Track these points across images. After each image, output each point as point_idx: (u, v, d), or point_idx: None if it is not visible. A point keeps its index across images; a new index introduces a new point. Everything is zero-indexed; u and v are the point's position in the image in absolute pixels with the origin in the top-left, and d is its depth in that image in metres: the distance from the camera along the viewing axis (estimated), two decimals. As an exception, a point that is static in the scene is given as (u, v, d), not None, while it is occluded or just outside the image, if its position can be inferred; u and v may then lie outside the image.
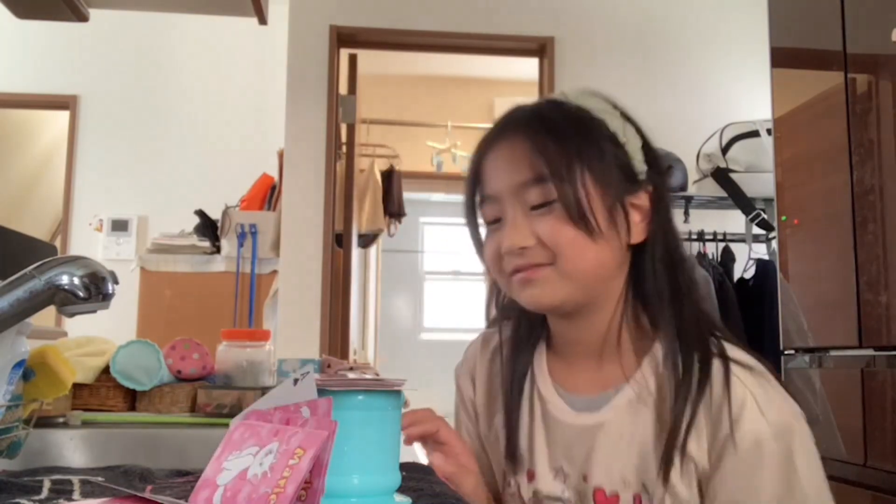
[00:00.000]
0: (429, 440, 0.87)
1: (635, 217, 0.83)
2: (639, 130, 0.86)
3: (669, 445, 0.78)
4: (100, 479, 0.76)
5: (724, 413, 0.77)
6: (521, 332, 0.93)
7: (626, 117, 0.86)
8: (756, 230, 3.07)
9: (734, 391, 0.78)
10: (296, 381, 0.56)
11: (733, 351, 0.82)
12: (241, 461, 0.53)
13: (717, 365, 0.80)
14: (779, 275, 2.14)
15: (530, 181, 0.81)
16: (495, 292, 0.94)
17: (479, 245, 0.88)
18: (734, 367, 0.79)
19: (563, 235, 0.80)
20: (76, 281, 0.69)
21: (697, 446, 0.78)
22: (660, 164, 0.86)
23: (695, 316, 0.83)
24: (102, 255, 4.05)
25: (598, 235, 0.80)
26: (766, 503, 0.75)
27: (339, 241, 3.50)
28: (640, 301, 0.85)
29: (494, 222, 0.85)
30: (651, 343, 0.84)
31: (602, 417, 0.84)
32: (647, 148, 0.85)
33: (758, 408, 0.77)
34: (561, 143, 0.80)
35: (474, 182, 0.87)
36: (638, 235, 0.84)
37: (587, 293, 0.83)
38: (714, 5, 3.68)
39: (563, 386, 0.88)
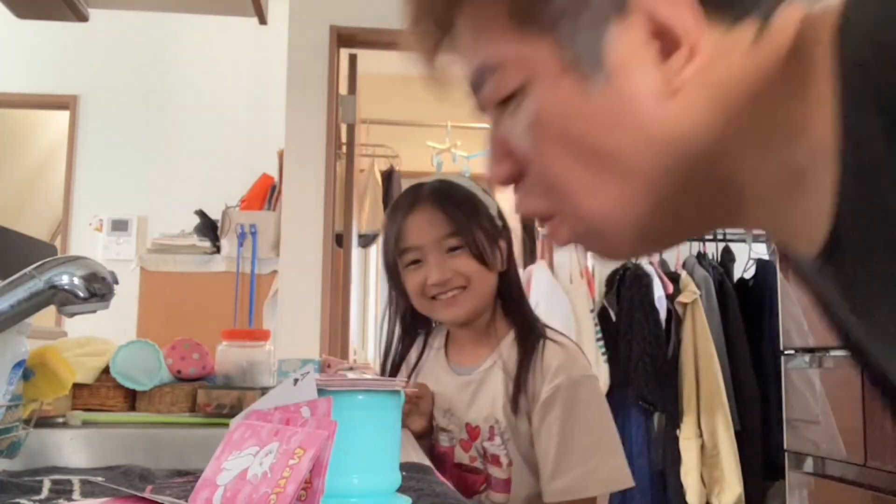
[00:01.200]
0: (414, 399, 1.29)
1: (501, 254, 1.29)
2: (491, 198, 1.33)
3: (514, 392, 1.21)
4: (100, 479, 0.76)
5: (539, 373, 1.21)
6: (427, 337, 1.42)
7: (484, 190, 1.32)
8: (756, 230, 3.07)
9: (546, 358, 1.22)
10: (296, 381, 0.56)
11: (552, 334, 1.27)
12: (241, 461, 0.53)
13: (540, 343, 1.24)
14: (779, 275, 2.14)
15: (447, 235, 1.25)
16: (397, 315, 1.39)
17: (398, 280, 1.32)
18: (548, 344, 1.24)
19: (472, 269, 1.25)
20: (76, 281, 0.69)
21: (527, 393, 1.21)
22: (504, 219, 1.33)
23: (530, 314, 1.31)
24: (102, 255, 4.04)
25: (491, 267, 1.26)
26: (559, 429, 1.17)
27: (339, 241, 3.50)
28: (501, 307, 1.31)
29: (414, 263, 1.28)
30: (506, 331, 1.29)
31: (471, 378, 1.28)
32: (498, 210, 1.32)
33: (558, 368, 1.20)
34: (463, 211, 1.26)
35: (397, 238, 1.29)
36: (502, 266, 1.29)
37: (483, 306, 1.28)
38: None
39: (453, 361, 1.34)
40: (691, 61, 0.45)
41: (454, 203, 1.27)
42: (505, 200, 1.39)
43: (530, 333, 1.27)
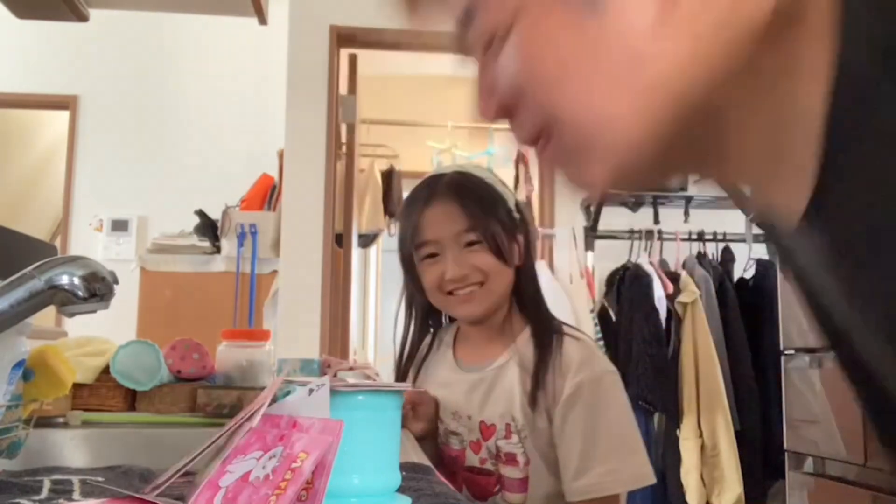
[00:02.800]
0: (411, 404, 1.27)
1: (519, 249, 1.27)
2: (509, 191, 1.30)
3: (533, 389, 1.18)
4: (100, 479, 0.76)
5: (560, 369, 1.19)
6: (439, 331, 1.40)
7: (502, 182, 1.30)
8: (756, 230, 3.07)
9: (565, 354, 1.20)
10: (311, 391, 0.56)
11: (569, 330, 1.25)
12: (244, 465, 0.53)
13: (556, 339, 1.22)
14: (779, 275, 2.14)
15: (465, 229, 1.22)
16: (412, 309, 1.37)
17: (413, 274, 1.29)
18: (567, 339, 1.22)
19: (490, 264, 1.22)
20: (76, 281, 0.69)
21: (546, 389, 1.18)
22: (523, 212, 1.30)
23: (546, 311, 1.28)
24: (102, 255, 4.04)
25: (509, 262, 1.23)
26: (583, 427, 1.16)
27: (339, 241, 3.50)
28: (517, 303, 1.28)
29: (430, 257, 1.25)
30: (521, 328, 1.26)
31: (483, 376, 1.25)
32: (517, 203, 1.29)
33: (580, 364, 1.18)
34: (481, 204, 1.23)
35: (414, 231, 1.26)
36: (520, 261, 1.27)
37: (499, 302, 1.26)
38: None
39: (461, 359, 1.32)
40: None
41: (472, 196, 1.24)
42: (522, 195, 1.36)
43: (547, 330, 1.24)
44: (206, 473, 0.55)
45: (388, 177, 4.67)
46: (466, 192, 1.24)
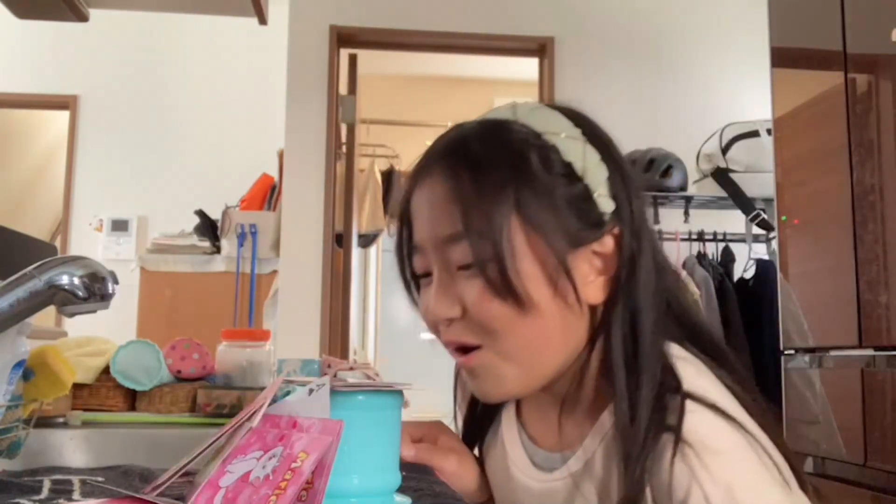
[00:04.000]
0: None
1: (590, 273, 0.64)
2: (608, 153, 0.66)
3: None
4: (100, 479, 0.76)
5: (665, 501, 0.59)
6: None
7: (592, 137, 0.66)
8: (756, 230, 3.07)
9: (676, 475, 0.58)
10: (311, 391, 0.56)
11: (695, 420, 0.60)
12: (244, 465, 0.53)
13: (665, 440, 0.60)
14: (779, 275, 2.14)
15: (450, 236, 0.62)
16: None
17: (413, 301, 0.71)
18: (683, 445, 0.59)
19: (490, 309, 0.62)
20: (76, 281, 0.69)
21: None
22: (630, 192, 0.66)
23: (655, 382, 0.62)
24: (102, 255, 4.04)
25: (532, 308, 0.62)
26: None
27: (339, 241, 3.50)
28: (601, 365, 0.66)
29: (426, 275, 0.67)
30: (604, 406, 0.66)
31: (551, 483, 0.69)
32: (616, 178, 0.65)
33: (703, 496, 0.57)
34: (482, 185, 0.61)
35: (403, 225, 0.68)
36: (596, 294, 0.64)
37: (542, 372, 0.66)
38: (714, 5, 3.68)
39: (530, 433, 0.74)
40: None
41: (474, 165, 0.63)
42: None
43: (652, 416, 0.61)
44: (206, 473, 0.55)
45: (388, 177, 4.67)
46: (469, 158, 0.63)
